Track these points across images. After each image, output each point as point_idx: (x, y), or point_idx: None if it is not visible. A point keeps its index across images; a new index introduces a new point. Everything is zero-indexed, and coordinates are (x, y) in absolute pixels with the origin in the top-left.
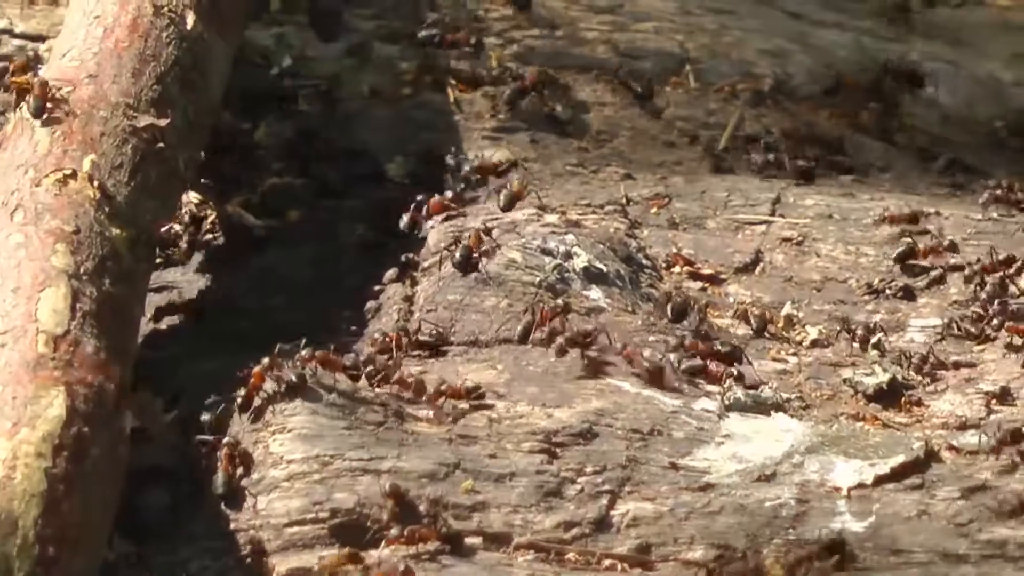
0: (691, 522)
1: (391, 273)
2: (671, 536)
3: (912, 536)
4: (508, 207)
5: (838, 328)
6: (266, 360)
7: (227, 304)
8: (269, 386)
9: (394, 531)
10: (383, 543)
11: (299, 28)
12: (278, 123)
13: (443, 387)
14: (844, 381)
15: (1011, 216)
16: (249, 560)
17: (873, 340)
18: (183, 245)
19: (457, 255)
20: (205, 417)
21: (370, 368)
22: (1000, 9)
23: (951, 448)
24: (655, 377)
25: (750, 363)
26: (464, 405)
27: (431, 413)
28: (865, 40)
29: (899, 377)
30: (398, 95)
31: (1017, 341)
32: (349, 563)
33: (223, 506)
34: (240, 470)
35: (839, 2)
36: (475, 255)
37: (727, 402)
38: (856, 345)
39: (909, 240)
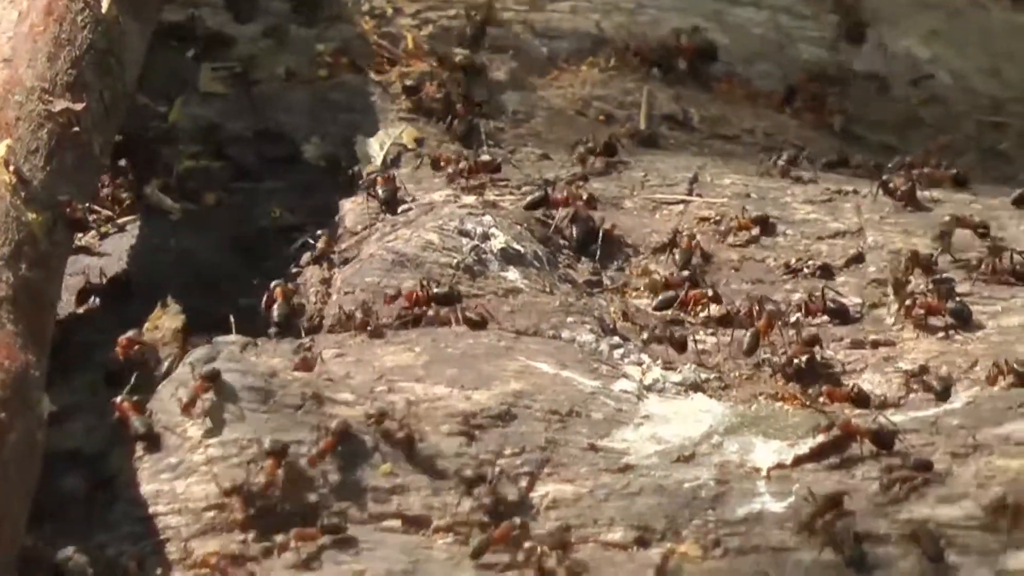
0: (611, 503)
1: (308, 256)
2: (591, 518)
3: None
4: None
5: (756, 307)
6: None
7: (146, 288)
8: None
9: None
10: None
11: (215, 10)
12: (193, 106)
13: None
14: (763, 361)
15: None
16: (168, 545)
17: (791, 320)
18: (101, 229)
19: (382, 193)
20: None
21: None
22: None
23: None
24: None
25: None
26: None
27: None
28: (782, 19)
29: (817, 357)
30: (315, 77)
31: (936, 322)
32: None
33: (140, 490)
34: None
35: None
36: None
37: (647, 382)
38: (775, 325)
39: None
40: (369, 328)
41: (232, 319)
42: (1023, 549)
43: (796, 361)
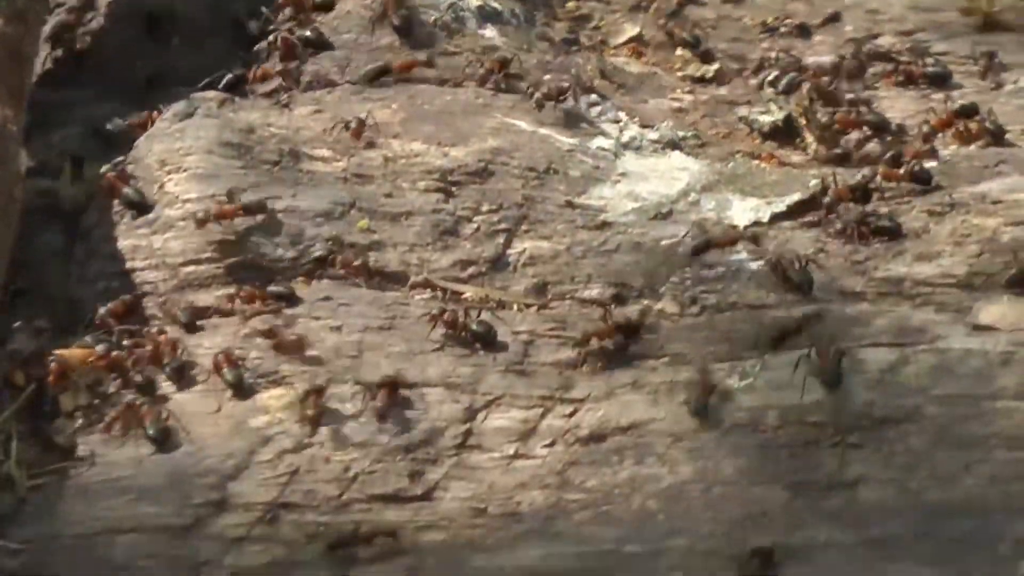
0: (588, 260)
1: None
2: (568, 275)
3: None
4: None
5: (733, 66)
6: None
7: (125, 46)
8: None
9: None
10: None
11: None
12: None
13: None
14: (740, 119)
15: None
16: (145, 300)
17: (769, 78)
18: None
19: None
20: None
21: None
22: None
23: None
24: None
25: None
26: None
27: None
28: None
29: (793, 115)
30: None
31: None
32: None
33: (118, 245)
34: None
35: None
36: None
37: (624, 140)
38: (751, 83)
39: None
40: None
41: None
42: (995, 303)
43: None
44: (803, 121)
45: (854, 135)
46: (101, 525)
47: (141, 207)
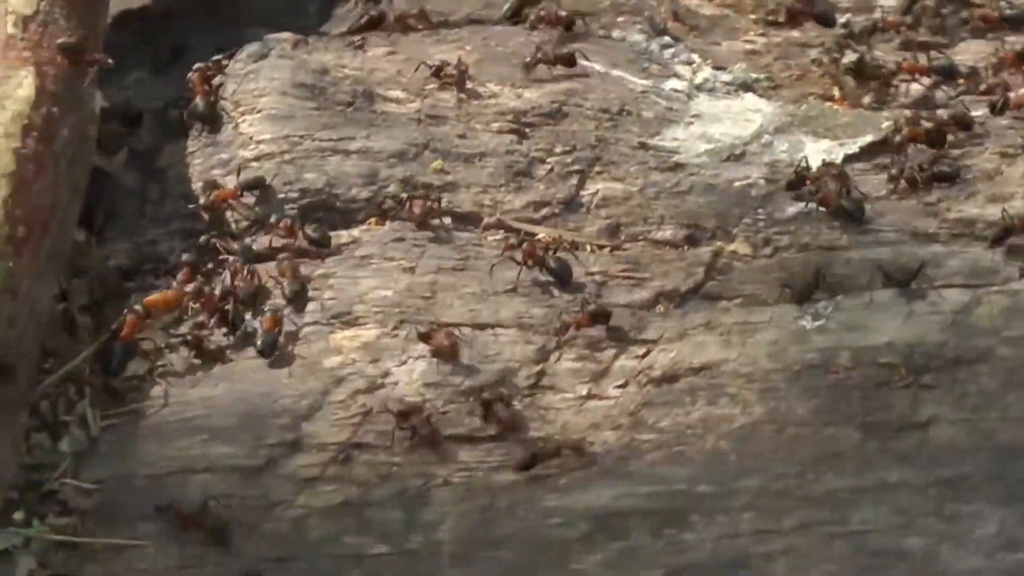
0: (661, 202)
1: None
2: (641, 216)
3: (881, 216)
4: None
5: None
6: None
7: None
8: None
9: None
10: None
11: None
12: None
13: None
14: (812, 61)
15: None
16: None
17: (842, 20)
18: None
19: None
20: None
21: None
22: None
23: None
24: None
25: None
26: None
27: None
28: None
29: (867, 57)
30: None
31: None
32: None
33: (192, 186)
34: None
35: None
36: None
37: (696, 82)
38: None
39: None
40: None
41: None
42: None
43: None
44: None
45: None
46: (174, 465)
47: (209, 120)
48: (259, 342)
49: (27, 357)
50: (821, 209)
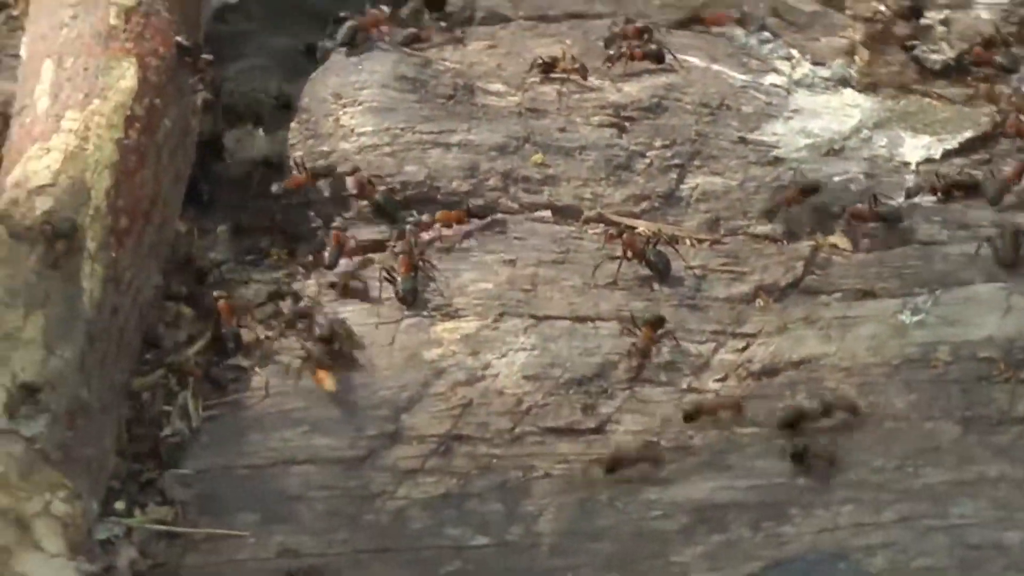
0: (760, 196)
1: None
2: (740, 210)
3: (979, 211)
4: None
5: (905, 3)
6: None
7: None
8: None
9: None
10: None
11: None
12: None
13: None
14: (911, 58)
15: None
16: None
17: (940, 17)
18: None
19: None
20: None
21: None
22: None
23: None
24: None
25: None
26: None
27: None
28: None
29: (965, 54)
30: None
31: None
32: None
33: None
34: None
35: None
36: None
37: (796, 77)
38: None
39: None
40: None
41: None
42: None
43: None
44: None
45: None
46: (275, 456)
47: None
48: (400, 288)
49: (129, 347)
50: (929, 199)
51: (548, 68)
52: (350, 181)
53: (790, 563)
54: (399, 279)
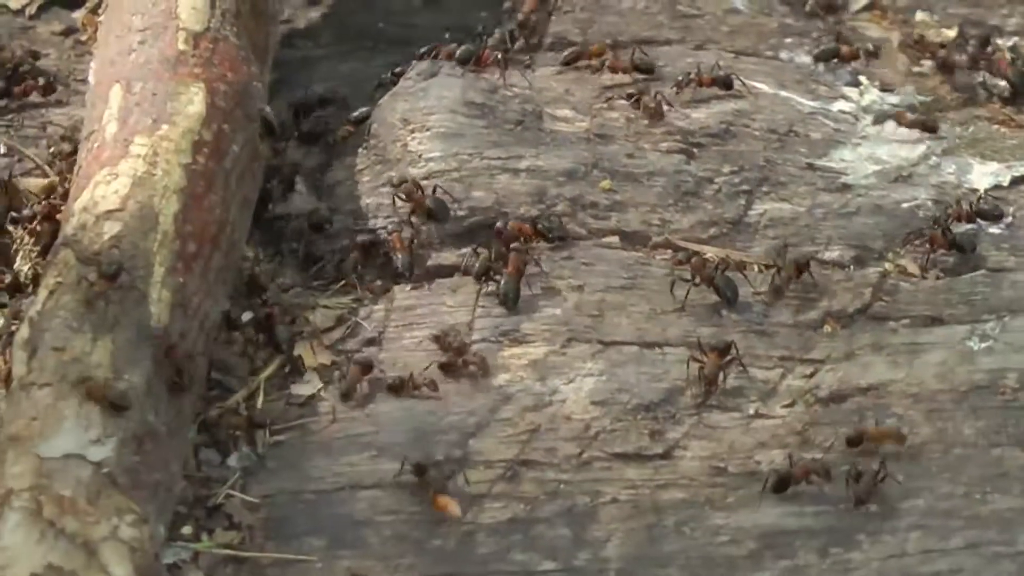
0: (828, 222)
1: None
2: (808, 236)
3: None
4: None
5: (973, 31)
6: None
7: (365, 4)
8: None
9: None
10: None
11: None
12: None
13: None
14: (979, 84)
15: None
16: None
17: (1008, 44)
18: None
19: None
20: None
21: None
22: None
23: None
24: None
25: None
26: None
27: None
28: None
29: None
30: None
31: None
32: None
33: (361, 204)
34: None
35: None
36: None
37: (864, 103)
38: (989, 49)
39: None
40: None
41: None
42: None
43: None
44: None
45: None
46: (342, 481)
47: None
48: (502, 289)
49: (197, 373)
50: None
51: (636, 101)
52: (402, 189)
53: None
54: (504, 278)
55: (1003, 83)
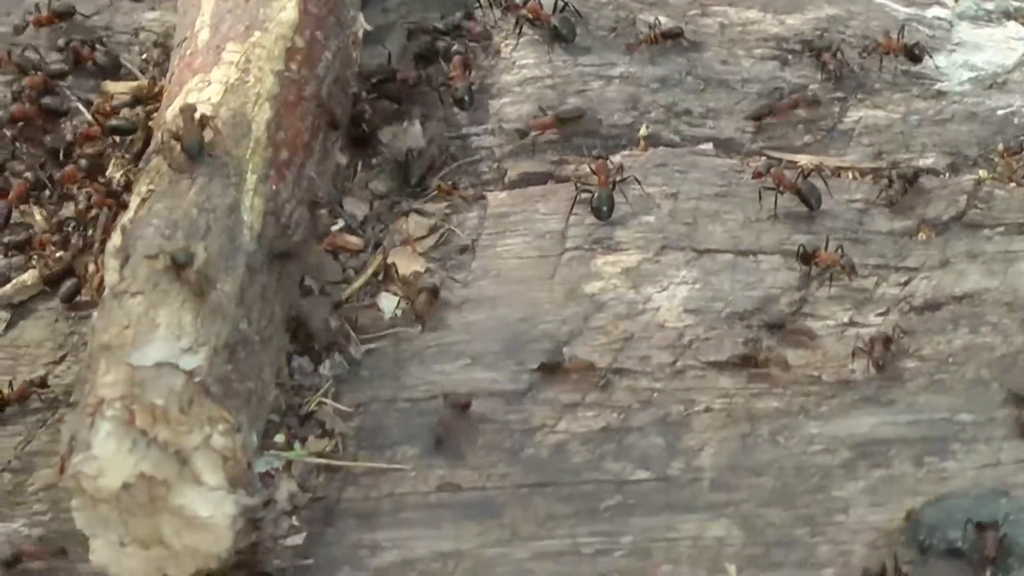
0: (923, 129)
1: None
2: (902, 143)
3: None
4: None
5: None
6: None
7: None
8: None
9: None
10: None
11: None
12: None
13: None
14: None
15: None
16: (480, 165)
17: None
18: None
19: None
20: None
21: None
22: None
23: None
24: None
25: None
26: None
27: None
28: None
29: None
30: None
31: None
32: None
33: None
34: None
35: None
36: None
37: (959, 10)
38: None
39: None
40: None
41: None
42: None
43: None
44: None
45: None
46: (435, 389)
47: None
48: (595, 200)
49: (289, 279)
50: None
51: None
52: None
53: (952, 498)
54: (595, 191)
55: None
